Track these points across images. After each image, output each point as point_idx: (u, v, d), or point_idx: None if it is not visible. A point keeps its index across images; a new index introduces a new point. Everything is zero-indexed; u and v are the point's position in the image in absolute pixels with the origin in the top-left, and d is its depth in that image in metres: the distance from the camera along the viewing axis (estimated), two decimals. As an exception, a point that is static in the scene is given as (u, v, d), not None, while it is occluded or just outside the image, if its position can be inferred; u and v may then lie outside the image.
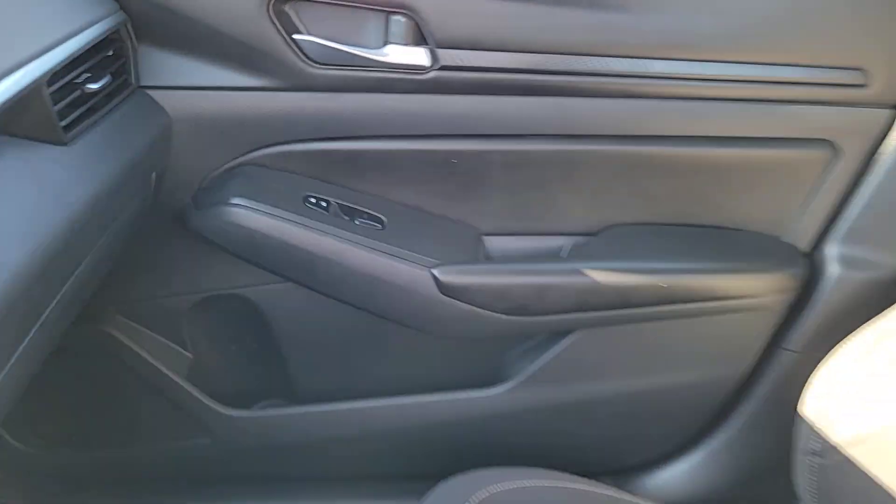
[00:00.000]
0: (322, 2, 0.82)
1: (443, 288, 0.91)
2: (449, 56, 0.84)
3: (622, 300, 0.95)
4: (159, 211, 0.90)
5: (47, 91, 0.61)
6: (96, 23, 0.72)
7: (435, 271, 0.91)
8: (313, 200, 0.91)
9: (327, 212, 0.91)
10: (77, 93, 0.68)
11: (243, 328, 1.05)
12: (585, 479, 0.78)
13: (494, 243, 1.01)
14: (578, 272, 0.93)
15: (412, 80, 0.85)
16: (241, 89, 0.86)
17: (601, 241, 1.00)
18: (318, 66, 0.85)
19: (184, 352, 1.04)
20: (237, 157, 0.90)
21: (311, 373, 1.06)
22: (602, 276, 0.93)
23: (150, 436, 1.05)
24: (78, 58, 0.67)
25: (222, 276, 0.98)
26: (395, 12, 0.83)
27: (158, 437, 1.06)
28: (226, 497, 1.10)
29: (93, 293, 0.75)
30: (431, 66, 0.85)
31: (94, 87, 0.73)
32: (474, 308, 0.92)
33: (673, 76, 0.88)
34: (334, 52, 0.85)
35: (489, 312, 0.93)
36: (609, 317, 0.97)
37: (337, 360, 1.05)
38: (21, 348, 0.55)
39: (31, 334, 0.57)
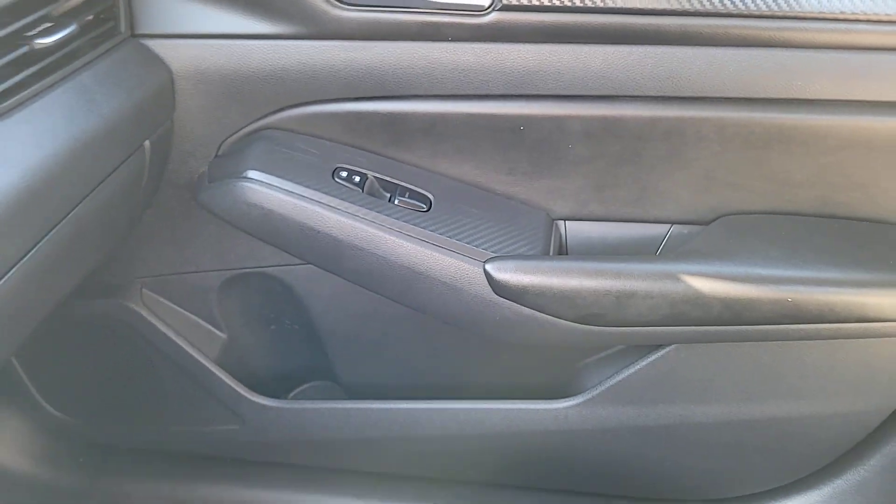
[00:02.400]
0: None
1: (497, 287, 0.79)
2: None
3: (732, 315, 0.79)
4: (175, 181, 0.85)
5: None
6: None
7: (489, 266, 0.79)
8: (344, 174, 0.82)
9: (361, 189, 0.82)
10: (23, 48, 0.58)
11: (277, 309, 0.99)
12: None
13: (572, 231, 0.89)
14: (673, 276, 0.78)
15: (467, 25, 0.75)
16: (256, 37, 0.77)
17: (710, 235, 0.85)
18: (347, 7, 0.76)
19: (216, 331, 0.99)
20: (257, 120, 0.82)
21: (352, 361, 1.00)
22: (705, 283, 0.78)
23: (178, 417, 1.05)
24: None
25: (249, 253, 0.91)
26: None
27: (186, 420, 1.05)
28: (255, 480, 1.06)
29: (101, 263, 0.73)
30: (491, 6, 0.75)
31: (45, 41, 0.59)
32: (535, 313, 0.80)
33: (832, 16, 0.73)
34: (367, -13, 0.75)
35: (554, 319, 0.80)
36: (714, 333, 0.82)
37: (381, 349, 0.98)
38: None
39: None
